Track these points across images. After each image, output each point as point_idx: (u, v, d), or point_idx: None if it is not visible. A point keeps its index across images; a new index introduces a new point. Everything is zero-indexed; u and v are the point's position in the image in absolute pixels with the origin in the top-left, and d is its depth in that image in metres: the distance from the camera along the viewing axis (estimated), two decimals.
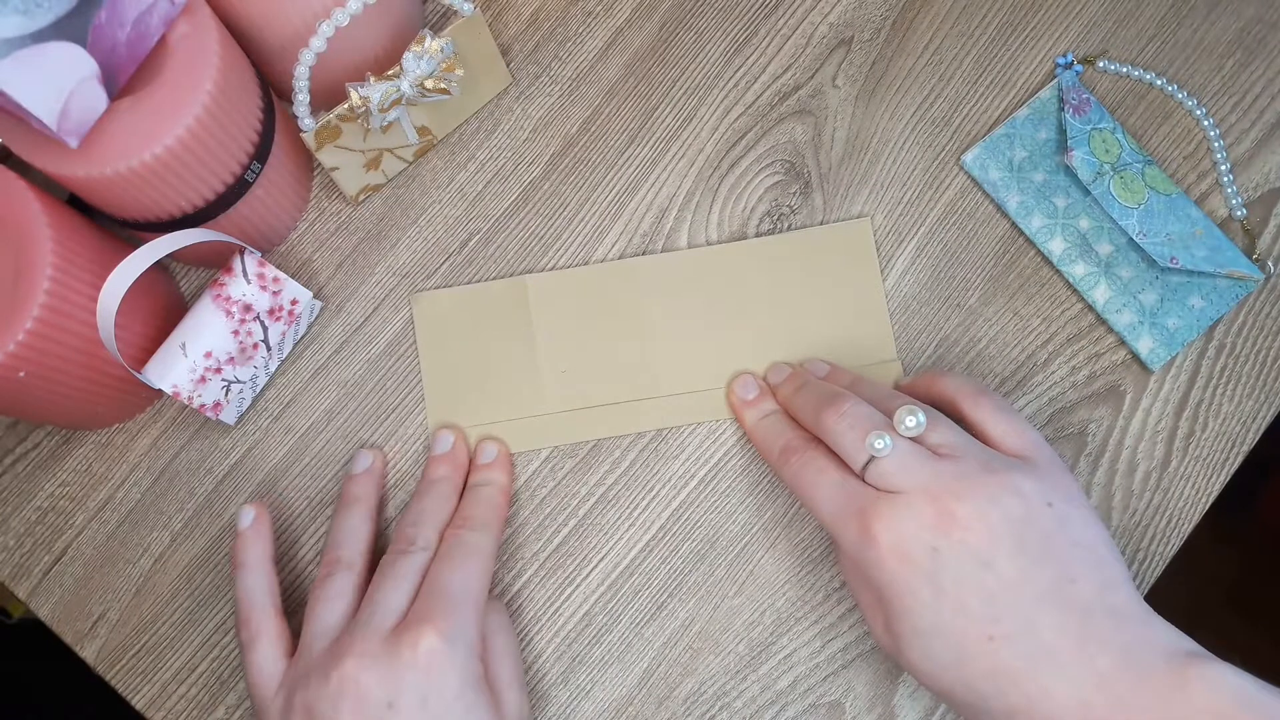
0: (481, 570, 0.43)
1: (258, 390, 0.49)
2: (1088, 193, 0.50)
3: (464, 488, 0.48)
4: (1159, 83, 0.52)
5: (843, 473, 0.41)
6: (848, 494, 0.40)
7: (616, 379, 0.50)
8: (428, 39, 0.46)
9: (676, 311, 0.50)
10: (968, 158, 0.51)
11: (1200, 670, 0.34)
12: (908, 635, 0.38)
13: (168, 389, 0.45)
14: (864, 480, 0.40)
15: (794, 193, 0.52)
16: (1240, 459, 0.49)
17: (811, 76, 0.53)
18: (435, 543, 0.44)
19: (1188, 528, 0.48)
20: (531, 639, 0.48)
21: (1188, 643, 0.36)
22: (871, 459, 0.39)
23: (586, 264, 0.51)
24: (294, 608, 0.48)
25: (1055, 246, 0.50)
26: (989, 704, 0.36)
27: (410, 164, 0.52)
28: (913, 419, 0.39)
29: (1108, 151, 0.50)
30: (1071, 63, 0.52)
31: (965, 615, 0.36)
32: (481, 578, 0.43)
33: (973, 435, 0.42)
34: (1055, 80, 0.52)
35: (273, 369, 0.49)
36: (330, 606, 0.42)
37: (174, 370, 0.45)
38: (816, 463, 0.42)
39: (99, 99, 0.40)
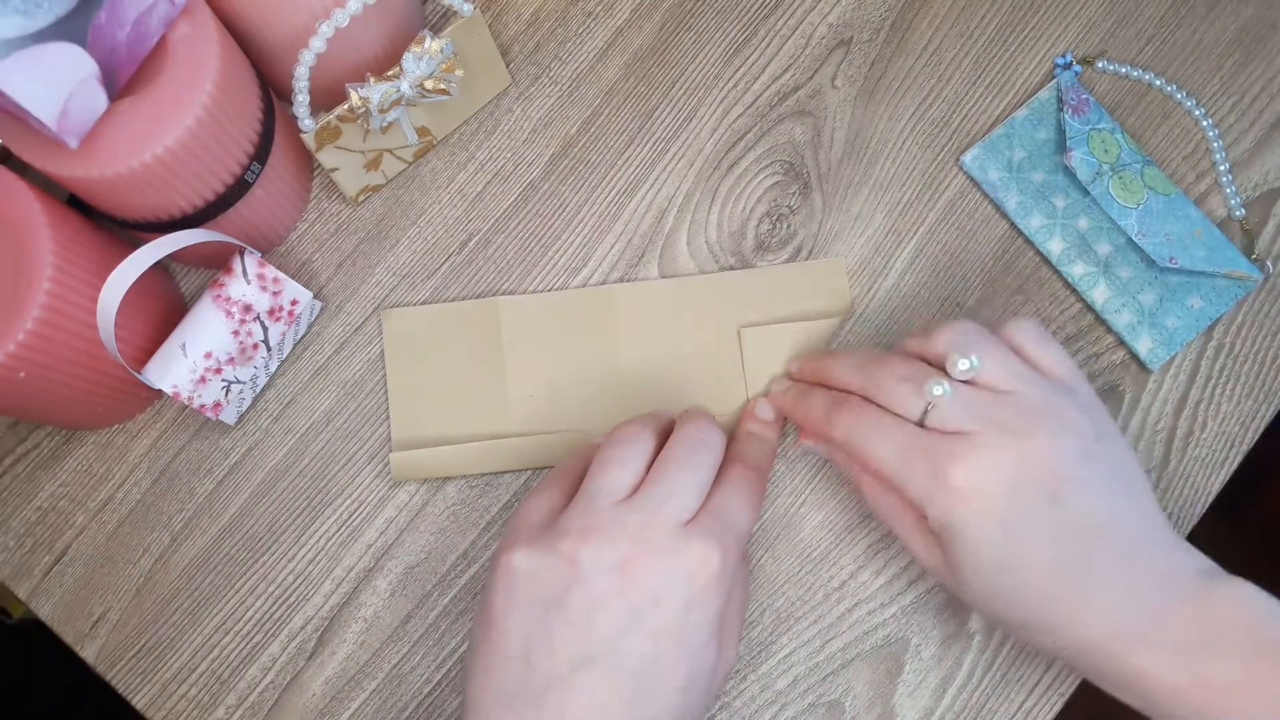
0: (756, 515, 0.42)
1: (258, 390, 0.49)
2: (1087, 193, 0.50)
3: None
4: (1158, 83, 0.52)
5: (899, 420, 0.40)
6: (914, 439, 0.39)
7: (584, 405, 0.49)
8: (428, 39, 0.46)
9: (647, 340, 0.50)
10: (967, 158, 0.51)
11: (1226, 588, 0.38)
12: (969, 570, 0.39)
13: (168, 389, 0.45)
14: (923, 427, 0.40)
15: (793, 193, 0.52)
16: (1239, 459, 0.49)
17: (811, 77, 0.53)
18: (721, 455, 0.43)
19: (1187, 527, 0.48)
20: None
21: (1210, 563, 0.39)
22: (930, 406, 0.39)
23: (580, 271, 0.51)
24: (297, 606, 0.48)
25: (1054, 246, 0.50)
26: (1043, 626, 0.39)
27: (410, 164, 0.52)
28: (965, 362, 0.40)
29: (1107, 152, 0.50)
30: (1070, 63, 0.53)
31: (1034, 549, 0.38)
32: (754, 523, 0.42)
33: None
34: (1054, 80, 0.52)
35: (273, 369, 0.50)
36: (624, 470, 0.41)
37: (174, 370, 0.45)
38: (870, 412, 0.41)
39: (99, 99, 0.40)
